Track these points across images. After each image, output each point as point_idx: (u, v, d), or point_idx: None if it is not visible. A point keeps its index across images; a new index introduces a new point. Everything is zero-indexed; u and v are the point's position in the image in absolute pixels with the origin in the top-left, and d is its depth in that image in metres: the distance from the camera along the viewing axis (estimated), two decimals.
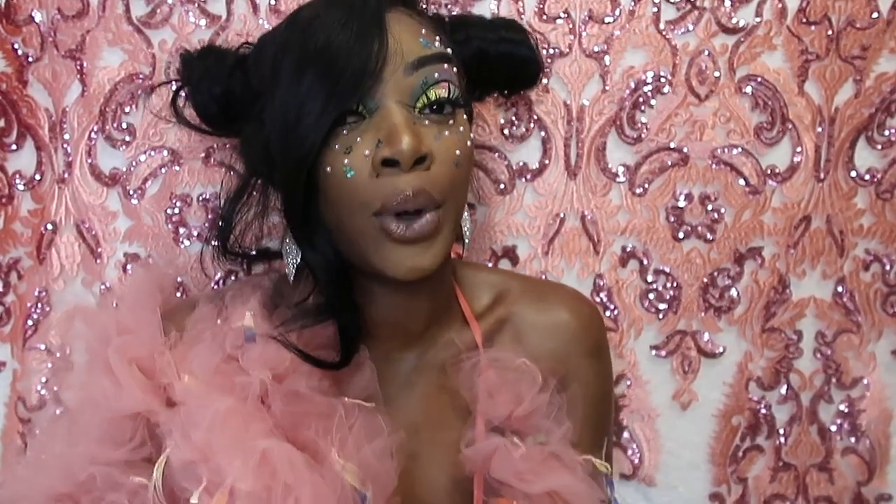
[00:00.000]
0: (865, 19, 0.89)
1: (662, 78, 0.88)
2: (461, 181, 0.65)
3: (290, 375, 0.65)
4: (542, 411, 0.69)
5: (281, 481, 0.59)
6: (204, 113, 0.74)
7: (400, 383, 0.72)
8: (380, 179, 0.61)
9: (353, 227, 0.63)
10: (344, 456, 0.62)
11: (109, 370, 0.64)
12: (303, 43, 0.62)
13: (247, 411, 0.62)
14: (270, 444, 0.60)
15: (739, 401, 0.94)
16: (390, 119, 0.61)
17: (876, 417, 0.96)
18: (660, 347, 0.93)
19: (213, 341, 0.67)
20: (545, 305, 0.75)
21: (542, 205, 0.90)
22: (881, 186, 0.92)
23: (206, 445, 0.60)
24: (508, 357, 0.71)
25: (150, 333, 0.68)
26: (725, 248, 0.92)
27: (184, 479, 0.60)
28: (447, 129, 0.63)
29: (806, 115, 0.90)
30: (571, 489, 0.66)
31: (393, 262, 0.62)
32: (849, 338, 0.95)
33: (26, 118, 0.87)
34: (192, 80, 0.74)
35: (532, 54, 0.74)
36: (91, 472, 0.62)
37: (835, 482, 0.97)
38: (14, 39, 0.86)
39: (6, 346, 0.90)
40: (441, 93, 0.63)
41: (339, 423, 0.63)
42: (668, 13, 0.88)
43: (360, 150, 0.61)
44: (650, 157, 0.90)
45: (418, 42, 0.63)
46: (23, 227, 0.89)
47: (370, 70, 0.60)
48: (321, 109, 0.60)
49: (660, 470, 0.94)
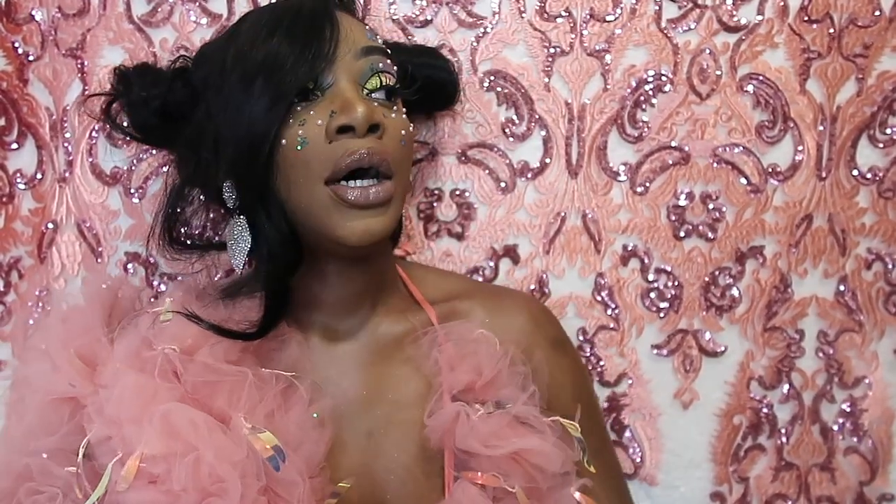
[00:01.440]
0: (867, 17, 0.88)
1: (664, 76, 0.88)
2: (407, 161, 0.69)
3: (202, 349, 0.67)
4: (504, 379, 0.69)
5: (182, 441, 0.60)
6: (142, 126, 0.76)
7: (350, 363, 0.73)
8: (332, 144, 0.64)
9: (307, 197, 0.65)
10: (252, 422, 0.63)
11: (49, 356, 0.67)
12: (245, 50, 0.66)
13: (155, 384, 0.63)
14: (171, 407, 0.62)
15: (741, 400, 0.94)
16: (344, 93, 0.65)
17: (878, 417, 0.96)
18: (661, 346, 0.93)
19: (134, 328, 0.69)
20: (497, 308, 0.76)
21: (544, 203, 0.90)
22: (883, 185, 0.92)
23: (117, 418, 0.62)
24: (466, 328, 0.72)
25: (92, 324, 0.69)
26: (727, 247, 0.91)
27: (102, 456, 0.62)
28: (392, 112, 0.68)
29: (808, 113, 0.90)
30: (538, 450, 0.66)
31: (348, 227, 0.65)
32: (851, 337, 0.94)
33: (27, 117, 0.87)
34: (130, 98, 0.75)
35: (452, 77, 0.82)
36: (26, 462, 0.64)
37: (837, 482, 0.96)
38: (15, 38, 0.86)
39: (7, 346, 0.90)
40: (387, 80, 0.68)
41: (248, 391, 0.65)
42: (669, 11, 0.88)
43: (313, 120, 0.64)
44: (651, 156, 0.90)
45: (365, 35, 0.69)
46: (24, 226, 0.89)
47: (323, 52, 0.65)
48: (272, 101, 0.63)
49: (661, 469, 0.94)
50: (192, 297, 0.71)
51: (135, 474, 0.59)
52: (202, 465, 0.59)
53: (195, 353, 0.66)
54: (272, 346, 0.70)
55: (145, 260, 0.89)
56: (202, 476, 0.59)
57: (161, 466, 0.60)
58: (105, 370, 0.65)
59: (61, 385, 0.65)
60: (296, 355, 0.70)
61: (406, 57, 0.76)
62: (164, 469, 0.59)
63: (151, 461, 0.60)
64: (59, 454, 0.64)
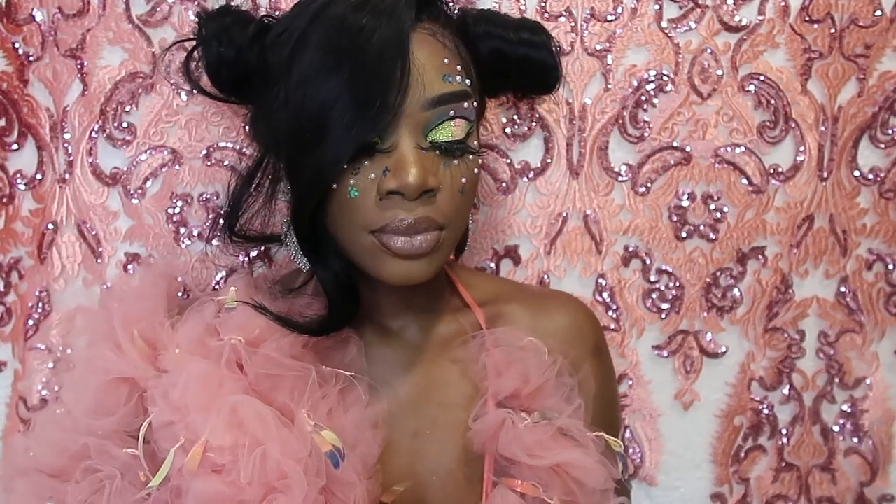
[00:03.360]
0: (868, 17, 0.88)
1: (665, 76, 0.88)
2: (465, 206, 0.66)
3: (267, 341, 0.66)
4: (550, 389, 0.69)
5: (250, 435, 0.60)
6: (214, 74, 0.72)
7: (399, 363, 0.73)
8: (383, 203, 0.62)
9: (351, 241, 0.64)
10: (315, 419, 0.63)
11: (112, 338, 0.66)
12: (327, 43, 0.61)
13: (221, 373, 0.63)
14: (240, 398, 0.61)
15: (742, 401, 0.94)
16: (400, 150, 0.61)
17: (879, 418, 0.96)
18: (662, 347, 0.93)
19: (198, 314, 0.68)
20: (541, 310, 0.76)
21: (545, 204, 0.90)
22: (884, 185, 0.92)
23: (183, 405, 0.61)
24: (515, 335, 0.72)
25: (154, 308, 0.69)
26: (728, 248, 0.91)
27: (164, 440, 0.61)
28: (456, 159, 0.64)
29: (809, 113, 0.90)
30: (580, 464, 0.66)
31: (388, 271, 0.64)
32: (851, 338, 0.94)
33: (27, 117, 0.87)
34: (205, 38, 0.71)
35: (553, 61, 0.72)
36: (84, 442, 0.63)
37: (837, 483, 0.96)
38: (15, 38, 0.86)
39: (7, 346, 0.90)
40: (456, 131, 0.63)
41: (311, 388, 0.64)
42: (670, 11, 0.87)
43: (367, 173, 0.62)
44: (653, 157, 0.90)
45: (440, 76, 0.62)
46: (24, 227, 0.89)
47: (390, 104, 0.60)
48: (342, 139, 0.60)
49: (661, 470, 0.94)
50: (254, 289, 0.71)
51: (199, 462, 0.59)
52: (268, 460, 0.59)
53: (260, 345, 0.66)
54: (328, 344, 0.69)
55: (145, 260, 0.89)
56: (268, 471, 0.59)
57: (226, 457, 0.59)
58: (167, 354, 0.65)
59: (124, 366, 0.65)
60: (353, 354, 0.69)
61: (499, 31, 0.70)
62: (230, 460, 0.59)
63: (217, 451, 0.59)
64: (115, 435, 0.64)
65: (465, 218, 0.68)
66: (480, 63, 0.69)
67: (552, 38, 0.73)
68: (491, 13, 0.73)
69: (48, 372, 0.89)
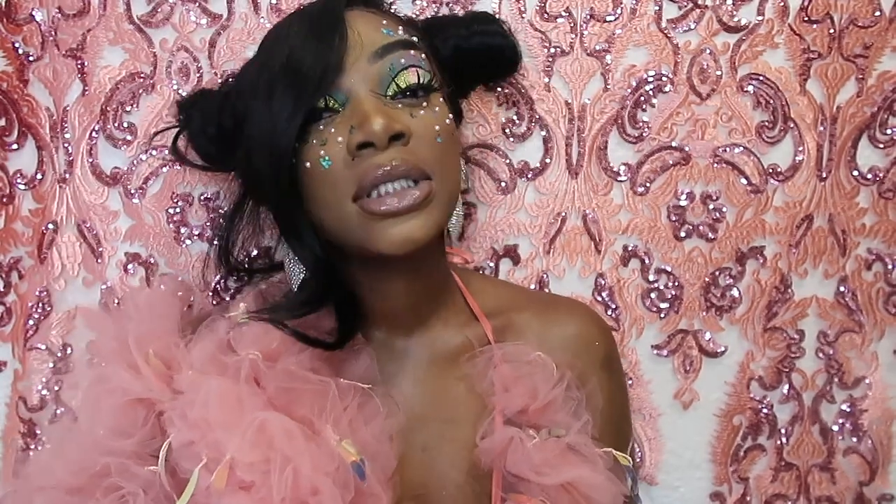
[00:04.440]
0: (867, 17, 0.88)
1: (664, 76, 0.88)
2: (449, 155, 0.65)
3: (283, 355, 0.66)
4: (558, 404, 0.69)
5: (279, 451, 0.59)
6: (205, 154, 0.77)
7: (407, 377, 0.72)
8: (356, 162, 0.62)
9: (337, 217, 0.63)
10: (339, 433, 0.62)
11: (128, 359, 0.66)
12: (269, 60, 0.65)
13: (240, 389, 0.63)
14: (267, 415, 0.61)
15: (741, 400, 0.94)
16: (360, 106, 0.62)
17: (878, 417, 0.96)
18: (661, 347, 0.93)
19: (211, 332, 0.68)
20: (551, 319, 0.75)
21: (544, 204, 0.90)
22: (883, 185, 0.92)
23: (203, 422, 0.60)
24: (523, 350, 0.71)
25: (168, 328, 0.69)
26: (727, 248, 0.91)
27: (185, 461, 0.61)
28: (422, 110, 0.64)
29: (808, 113, 0.90)
30: (589, 481, 0.66)
31: (386, 238, 0.62)
32: (851, 337, 0.94)
33: (27, 117, 0.87)
34: (191, 128, 0.76)
35: (507, 41, 0.78)
36: (105, 462, 0.63)
37: (836, 482, 0.96)
38: (15, 38, 0.86)
39: (7, 346, 0.91)
40: (410, 78, 0.64)
41: (332, 402, 0.64)
42: (669, 11, 0.87)
43: (333, 138, 0.62)
44: (652, 156, 0.90)
45: (380, 32, 0.65)
46: (24, 227, 0.89)
47: (332, 64, 0.62)
48: (291, 111, 0.62)
49: (661, 469, 0.94)
50: (263, 303, 0.71)
51: (226, 480, 0.58)
52: (300, 476, 0.59)
53: (277, 359, 0.65)
54: (342, 357, 0.69)
55: (145, 260, 0.89)
56: (300, 486, 0.58)
57: (255, 474, 0.58)
58: (182, 376, 0.64)
59: (140, 387, 0.64)
60: (366, 365, 0.69)
61: (452, 30, 0.73)
62: (259, 477, 0.58)
63: (245, 468, 0.58)
64: (134, 456, 0.63)
65: (455, 173, 0.67)
66: (446, 64, 0.71)
67: (502, 21, 0.79)
68: (438, 18, 0.78)
69: (48, 372, 0.89)
